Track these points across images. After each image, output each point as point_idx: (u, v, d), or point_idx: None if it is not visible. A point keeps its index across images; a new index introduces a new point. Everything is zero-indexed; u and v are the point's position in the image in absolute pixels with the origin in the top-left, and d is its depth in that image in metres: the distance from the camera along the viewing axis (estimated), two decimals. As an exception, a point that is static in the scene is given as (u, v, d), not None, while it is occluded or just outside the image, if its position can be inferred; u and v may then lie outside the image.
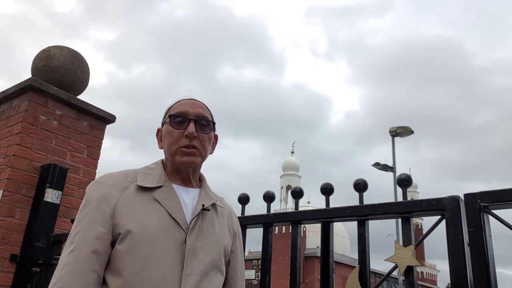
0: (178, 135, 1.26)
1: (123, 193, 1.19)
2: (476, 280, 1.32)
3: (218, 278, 1.22)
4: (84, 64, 3.56)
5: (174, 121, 1.28)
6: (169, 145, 1.27)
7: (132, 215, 1.15)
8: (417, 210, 1.56)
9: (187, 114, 1.28)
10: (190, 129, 1.26)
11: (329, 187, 1.90)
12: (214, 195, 1.37)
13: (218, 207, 1.34)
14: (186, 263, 1.13)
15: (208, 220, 1.26)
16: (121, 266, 1.10)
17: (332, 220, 1.82)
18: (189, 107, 1.30)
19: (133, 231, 1.12)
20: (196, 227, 1.20)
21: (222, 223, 1.32)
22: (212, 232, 1.25)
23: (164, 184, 1.25)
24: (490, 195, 1.38)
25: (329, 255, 1.79)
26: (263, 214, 2.07)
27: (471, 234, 1.38)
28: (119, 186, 1.20)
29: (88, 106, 3.47)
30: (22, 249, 2.93)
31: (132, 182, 1.23)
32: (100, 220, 1.14)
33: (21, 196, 3.00)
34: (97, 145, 3.55)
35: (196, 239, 1.19)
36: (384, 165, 16.24)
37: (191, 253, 1.15)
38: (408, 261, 1.51)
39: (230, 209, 1.43)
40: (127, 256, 1.10)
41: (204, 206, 1.25)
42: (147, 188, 1.22)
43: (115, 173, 1.27)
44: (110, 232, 1.13)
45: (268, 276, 1.96)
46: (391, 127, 16.41)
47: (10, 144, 3.08)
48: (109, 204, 1.16)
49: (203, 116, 1.30)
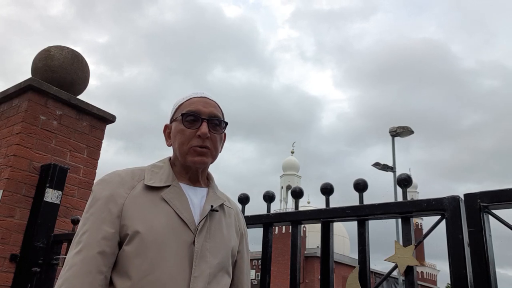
0: (190, 135, 1.23)
1: (130, 193, 1.16)
2: (476, 280, 1.32)
3: (225, 280, 1.21)
4: (84, 64, 3.56)
5: (186, 120, 1.24)
6: (180, 144, 1.24)
7: (140, 215, 1.13)
8: (417, 210, 1.56)
9: (200, 113, 1.24)
10: (203, 129, 1.22)
11: (329, 187, 1.90)
12: (222, 194, 1.35)
13: (225, 207, 1.31)
14: (195, 265, 1.11)
15: (216, 221, 1.23)
16: (129, 268, 1.08)
17: (332, 220, 1.82)
18: (202, 105, 1.26)
19: (141, 232, 1.10)
20: (204, 228, 1.18)
21: (229, 223, 1.30)
22: (220, 234, 1.22)
23: (172, 184, 1.22)
24: (490, 195, 1.38)
25: (329, 255, 1.79)
26: (263, 214, 2.07)
27: (471, 234, 1.38)
28: (127, 185, 1.18)
29: (88, 106, 3.47)
30: (22, 249, 2.93)
31: (140, 181, 1.20)
32: (107, 220, 1.12)
33: (21, 196, 3.00)
34: (97, 145, 3.55)
35: (205, 240, 1.16)
36: (384, 165, 16.23)
37: (200, 255, 1.13)
38: (408, 261, 1.51)
39: (237, 209, 1.41)
40: (135, 258, 1.08)
41: (213, 207, 1.22)
42: (154, 187, 1.19)
43: (122, 171, 1.24)
44: (117, 232, 1.11)
45: (268, 276, 1.96)
46: (391, 127, 16.40)
47: (10, 144, 3.08)
48: (116, 203, 1.14)
49: (216, 115, 1.27)
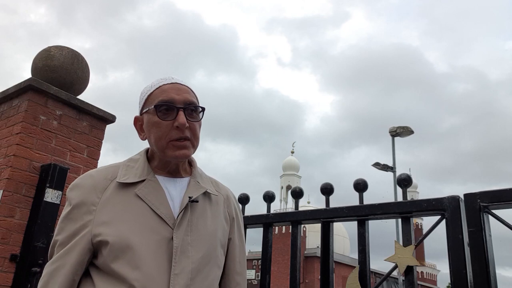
0: (167, 127, 1.14)
1: (102, 196, 1.11)
2: (476, 280, 1.32)
3: (214, 273, 1.14)
4: (84, 64, 3.56)
5: (160, 111, 1.14)
6: (157, 139, 1.15)
7: (112, 218, 1.07)
8: (417, 210, 1.56)
9: (174, 102, 1.15)
10: (181, 119, 1.13)
11: (329, 187, 1.90)
12: (207, 180, 1.27)
13: (212, 195, 1.23)
14: (175, 262, 1.05)
15: (198, 212, 1.16)
16: (106, 274, 1.05)
17: (332, 220, 1.82)
18: (175, 93, 1.17)
19: (114, 237, 1.05)
20: (184, 221, 1.11)
21: (216, 212, 1.22)
22: (204, 225, 1.15)
23: (147, 178, 1.15)
24: (490, 195, 1.38)
25: (329, 255, 1.79)
26: (263, 214, 2.07)
27: (471, 234, 1.38)
28: (99, 188, 1.12)
29: (88, 106, 3.47)
30: (22, 249, 2.93)
31: (113, 180, 1.13)
32: (80, 230, 1.08)
33: (21, 196, 3.00)
34: (97, 145, 3.55)
35: (185, 234, 1.10)
36: (384, 165, 16.22)
37: (180, 250, 1.07)
38: (408, 261, 1.51)
39: (227, 193, 1.31)
40: (112, 263, 1.04)
41: (192, 198, 1.14)
42: (129, 184, 1.13)
43: (95, 171, 1.18)
44: (89, 242, 1.07)
45: (268, 276, 1.96)
46: (391, 127, 16.39)
47: (10, 144, 3.08)
48: (88, 210, 1.09)
49: (191, 102, 1.18)
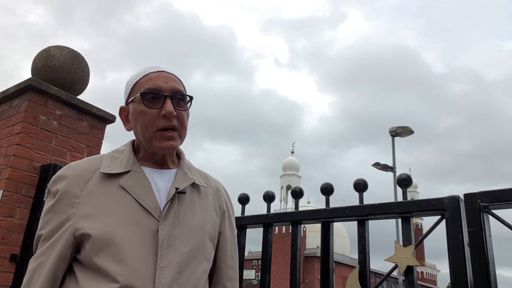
0: (153, 116, 1.10)
1: (85, 188, 1.08)
2: (476, 280, 1.32)
3: (202, 267, 1.11)
4: (84, 64, 3.56)
5: (147, 99, 1.11)
6: (143, 127, 1.12)
7: (96, 211, 1.05)
8: (417, 210, 1.56)
9: (161, 90, 1.12)
10: (168, 107, 1.10)
11: (329, 187, 1.90)
12: (196, 172, 1.24)
13: (201, 188, 1.20)
14: (161, 255, 1.02)
15: (186, 204, 1.13)
16: (89, 268, 1.02)
17: (332, 220, 1.82)
18: (162, 81, 1.14)
19: (97, 230, 1.02)
20: (170, 213, 1.08)
21: (205, 204, 1.19)
22: (191, 217, 1.12)
23: (133, 169, 1.12)
24: (490, 195, 1.38)
25: (329, 255, 1.79)
26: (263, 214, 2.07)
27: (471, 234, 1.38)
28: (81, 179, 1.09)
29: (88, 106, 3.47)
30: (22, 249, 2.93)
31: (96, 171, 1.10)
32: (63, 223, 1.05)
33: (21, 196, 3.00)
34: (97, 145, 3.55)
35: (172, 227, 1.07)
36: (384, 165, 16.23)
37: (167, 243, 1.04)
38: (408, 261, 1.51)
39: (217, 185, 1.28)
40: (94, 257, 1.01)
41: (179, 189, 1.11)
42: (113, 175, 1.09)
43: (77, 163, 1.15)
44: (72, 235, 1.04)
45: (268, 276, 1.96)
46: (391, 127, 16.39)
47: (10, 144, 3.08)
48: (71, 203, 1.06)
49: (179, 90, 1.15)
